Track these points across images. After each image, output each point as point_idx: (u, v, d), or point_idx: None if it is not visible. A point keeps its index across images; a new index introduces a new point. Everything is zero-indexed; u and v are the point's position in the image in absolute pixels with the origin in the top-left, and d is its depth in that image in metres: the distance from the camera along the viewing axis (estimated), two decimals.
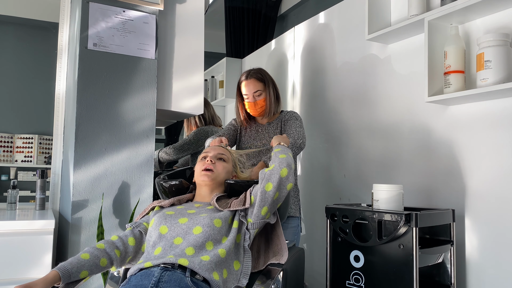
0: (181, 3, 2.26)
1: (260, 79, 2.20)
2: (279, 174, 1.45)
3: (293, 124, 2.13)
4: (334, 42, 2.57)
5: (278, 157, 1.52)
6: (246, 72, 2.24)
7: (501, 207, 1.65)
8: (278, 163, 1.48)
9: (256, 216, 1.44)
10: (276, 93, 2.23)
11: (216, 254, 1.31)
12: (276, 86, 2.26)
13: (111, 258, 1.37)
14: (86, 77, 1.96)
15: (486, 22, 1.74)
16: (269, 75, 2.26)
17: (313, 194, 2.66)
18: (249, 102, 2.20)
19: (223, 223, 1.39)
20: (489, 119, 1.72)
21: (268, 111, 2.19)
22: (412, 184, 1.99)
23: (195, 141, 2.67)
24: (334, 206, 1.83)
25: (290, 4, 4.24)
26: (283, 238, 1.50)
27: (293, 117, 2.18)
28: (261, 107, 2.19)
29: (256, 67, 2.28)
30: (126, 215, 2.01)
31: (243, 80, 2.22)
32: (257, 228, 1.45)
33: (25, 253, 1.81)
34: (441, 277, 1.74)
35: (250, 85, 2.18)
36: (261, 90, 2.18)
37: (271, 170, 1.47)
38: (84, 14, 1.96)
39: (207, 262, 1.28)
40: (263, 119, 2.25)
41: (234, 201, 1.49)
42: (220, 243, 1.36)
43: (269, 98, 2.18)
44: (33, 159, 4.89)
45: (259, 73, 2.22)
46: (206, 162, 1.58)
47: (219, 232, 1.37)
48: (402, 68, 2.11)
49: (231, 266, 1.34)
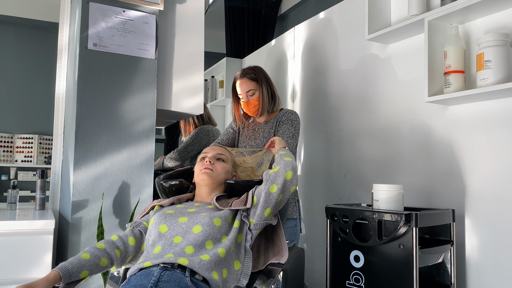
0: (181, 3, 2.26)
1: (253, 78, 2.18)
2: (284, 177, 1.45)
3: (287, 130, 2.09)
4: (334, 42, 2.57)
5: (283, 160, 1.52)
6: (240, 71, 2.24)
7: (501, 207, 1.65)
8: (283, 165, 1.49)
9: (259, 217, 1.44)
10: (271, 92, 2.20)
11: (216, 254, 1.31)
12: (272, 84, 2.23)
13: (112, 258, 1.37)
14: (86, 77, 1.96)
15: (486, 22, 1.74)
16: (264, 73, 2.23)
17: (313, 194, 2.66)
18: (243, 101, 2.20)
19: (223, 222, 1.39)
20: (489, 119, 1.72)
21: (261, 110, 2.17)
22: (412, 184, 1.99)
23: (198, 140, 2.68)
24: (334, 206, 1.83)
25: (290, 4, 4.24)
26: (284, 239, 1.50)
27: (288, 120, 2.13)
28: (254, 106, 2.18)
29: (251, 66, 2.27)
30: (126, 215, 2.01)
31: (237, 79, 2.22)
32: (259, 229, 1.45)
33: (25, 253, 1.81)
34: (441, 277, 1.74)
35: (243, 85, 2.18)
36: (253, 90, 2.17)
37: (276, 172, 1.48)
38: (84, 14, 1.96)
39: (207, 262, 1.28)
40: (260, 118, 2.24)
41: (235, 201, 1.49)
42: (220, 242, 1.36)
43: (262, 97, 2.16)
44: (33, 159, 4.89)
45: (253, 72, 2.20)
46: (205, 162, 1.58)
47: (219, 231, 1.37)
48: (402, 68, 2.11)
49: (231, 266, 1.34)
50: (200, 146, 2.68)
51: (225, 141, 2.32)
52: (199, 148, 2.68)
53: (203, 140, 2.69)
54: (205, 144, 2.69)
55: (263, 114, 2.19)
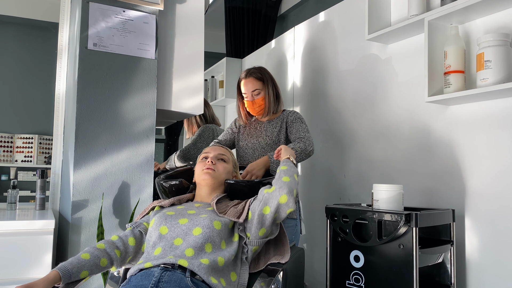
0: (181, 3, 2.26)
1: (259, 78, 2.19)
2: (277, 200, 1.36)
3: (300, 128, 2.10)
4: (334, 42, 2.57)
5: (281, 179, 1.41)
6: (246, 70, 2.24)
7: (501, 207, 1.65)
8: (279, 187, 1.38)
9: (254, 236, 1.40)
10: (276, 92, 2.22)
11: (215, 261, 1.30)
12: (276, 85, 2.25)
13: (111, 258, 1.37)
14: (86, 77, 1.96)
15: (486, 22, 1.74)
16: (269, 73, 2.25)
17: (313, 194, 2.66)
18: (248, 101, 2.20)
19: (222, 226, 1.38)
20: (489, 119, 1.72)
21: (267, 110, 2.18)
22: (412, 184, 1.99)
23: (204, 138, 2.70)
24: (334, 206, 1.83)
25: (290, 4, 4.24)
26: (287, 239, 1.48)
27: (298, 119, 2.15)
28: (260, 106, 2.18)
29: (257, 66, 2.28)
30: (126, 215, 2.01)
31: (242, 78, 2.23)
32: (256, 246, 1.41)
33: (25, 253, 1.81)
34: (441, 277, 1.74)
35: (249, 84, 2.18)
36: (259, 89, 2.17)
37: (270, 193, 1.39)
38: (84, 14, 1.96)
39: (206, 266, 1.27)
40: (263, 117, 2.24)
41: (231, 209, 1.45)
42: (219, 249, 1.35)
43: (268, 97, 2.18)
44: (33, 159, 4.89)
45: (259, 72, 2.21)
46: (207, 162, 1.58)
47: (218, 235, 1.36)
48: (402, 68, 2.11)
49: (228, 277, 1.33)
50: (205, 144, 2.70)
51: (223, 142, 2.33)
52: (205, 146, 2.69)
53: (209, 138, 2.71)
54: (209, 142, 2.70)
55: (269, 114, 2.20)
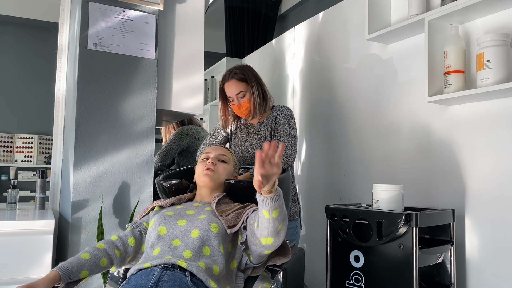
0: (181, 3, 2.26)
1: (242, 79, 2.02)
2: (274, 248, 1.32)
3: (286, 132, 1.99)
4: (334, 42, 2.57)
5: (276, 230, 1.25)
6: (227, 71, 2.07)
7: (501, 207, 1.65)
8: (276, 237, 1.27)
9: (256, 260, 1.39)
10: (262, 91, 2.06)
11: (211, 268, 1.30)
12: (262, 82, 2.08)
13: (111, 258, 1.37)
14: (86, 77, 1.96)
15: (486, 22, 1.74)
16: (253, 72, 2.08)
17: (313, 194, 2.66)
18: (233, 104, 2.06)
19: (220, 229, 1.37)
20: (489, 119, 1.72)
21: (253, 112, 2.03)
22: (412, 184, 1.99)
23: (176, 141, 2.73)
24: (334, 206, 1.83)
25: (290, 4, 4.24)
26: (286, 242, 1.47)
27: (286, 120, 2.03)
28: (246, 109, 2.03)
29: (239, 65, 2.11)
30: (126, 215, 2.01)
31: (224, 81, 2.06)
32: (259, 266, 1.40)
33: (25, 253, 1.81)
34: (441, 277, 1.74)
35: (232, 87, 2.02)
36: (244, 91, 2.01)
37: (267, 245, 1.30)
38: (84, 14, 1.96)
39: (204, 270, 1.27)
40: (253, 119, 2.12)
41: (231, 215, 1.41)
42: (218, 253, 1.33)
43: (254, 98, 2.01)
44: (33, 159, 4.89)
45: (241, 72, 2.04)
46: (208, 163, 1.58)
47: (215, 238, 1.34)
48: (402, 68, 2.11)
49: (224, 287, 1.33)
50: (179, 146, 2.74)
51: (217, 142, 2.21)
52: (179, 148, 2.74)
53: (182, 139, 2.73)
54: (184, 144, 2.74)
55: (255, 116, 2.06)
